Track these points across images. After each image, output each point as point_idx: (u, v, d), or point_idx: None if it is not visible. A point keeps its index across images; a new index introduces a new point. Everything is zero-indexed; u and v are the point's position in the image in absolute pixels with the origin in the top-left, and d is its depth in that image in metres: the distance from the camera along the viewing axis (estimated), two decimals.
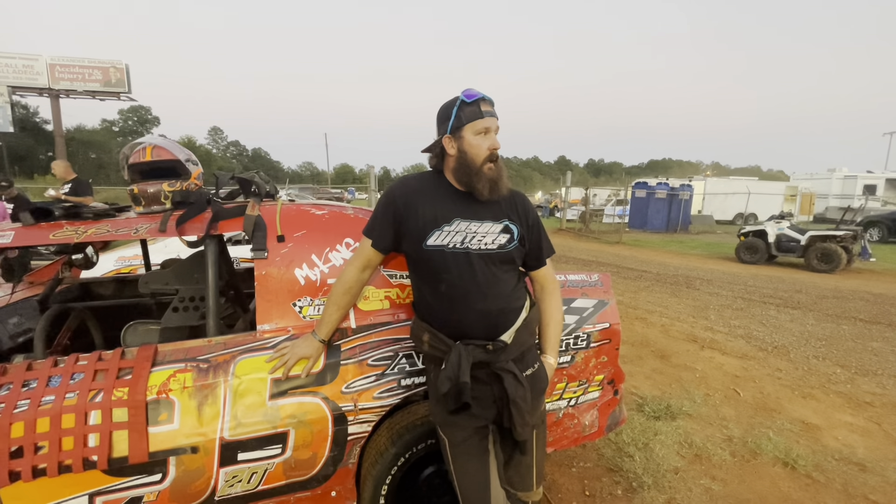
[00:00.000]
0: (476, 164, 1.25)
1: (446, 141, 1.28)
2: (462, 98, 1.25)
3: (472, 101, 1.24)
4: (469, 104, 1.24)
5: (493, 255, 1.29)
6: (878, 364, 3.88)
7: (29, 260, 2.32)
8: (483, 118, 1.24)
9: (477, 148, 1.25)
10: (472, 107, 1.24)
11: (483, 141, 1.25)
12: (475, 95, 1.25)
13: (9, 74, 16.78)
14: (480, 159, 1.25)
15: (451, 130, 1.26)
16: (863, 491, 2.22)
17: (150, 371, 1.33)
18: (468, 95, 1.25)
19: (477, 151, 1.25)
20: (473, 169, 1.25)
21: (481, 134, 1.25)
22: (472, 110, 1.24)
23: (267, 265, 1.51)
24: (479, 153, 1.25)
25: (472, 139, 1.25)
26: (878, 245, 12.51)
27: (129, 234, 1.51)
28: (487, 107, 1.26)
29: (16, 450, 1.20)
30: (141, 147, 1.63)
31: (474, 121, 1.24)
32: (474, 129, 1.24)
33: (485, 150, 1.25)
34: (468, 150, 1.25)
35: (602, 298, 1.86)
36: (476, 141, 1.25)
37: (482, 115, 1.24)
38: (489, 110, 1.26)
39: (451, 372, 1.23)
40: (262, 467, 1.40)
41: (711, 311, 5.57)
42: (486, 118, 1.24)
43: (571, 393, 1.80)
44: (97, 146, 37.75)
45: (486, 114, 1.25)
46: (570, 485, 2.25)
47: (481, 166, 1.25)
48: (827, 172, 22.34)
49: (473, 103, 1.24)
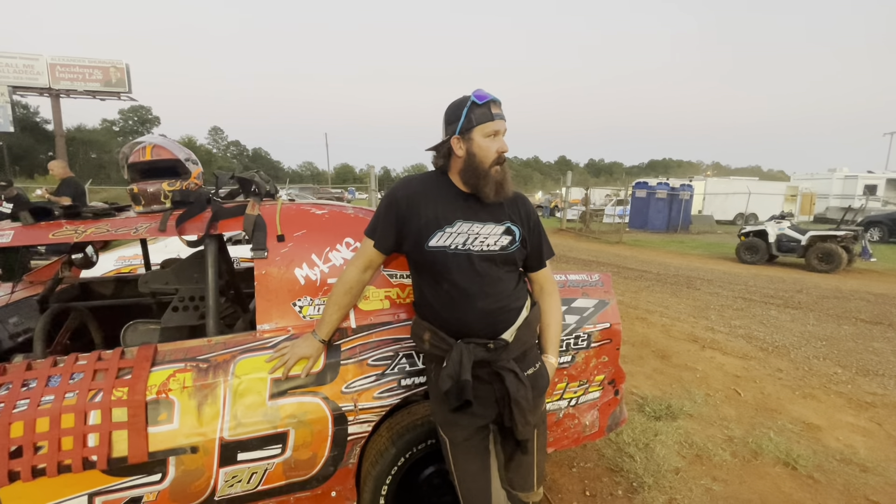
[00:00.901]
0: (484, 167, 1.25)
1: (454, 142, 1.27)
2: (473, 99, 1.24)
3: (483, 102, 1.24)
4: (480, 106, 1.24)
5: (494, 257, 1.29)
6: (879, 364, 3.87)
7: (29, 259, 2.32)
8: (493, 121, 1.24)
9: (486, 150, 1.24)
10: (483, 109, 1.24)
11: (492, 144, 1.25)
12: (486, 97, 1.24)
13: (9, 74, 16.80)
14: (489, 162, 1.25)
15: (461, 132, 1.25)
16: (864, 492, 2.21)
17: (150, 371, 1.33)
18: (479, 97, 1.24)
19: (486, 154, 1.24)
20: (481, 171, 1.25)
21: (490, 137, 1.25)
22: (483, 112, 1.24)
23: (267, 265, 1.51)
24: (488, 156, 1.25)
25: (481, 141, 1.24)
26: (878, 245, 12.49)
27: (129, 233, 1.50)
28: (497, 109, 1.25)
29: (15, 449, 1.20)
30: (141, 146, 1.63)
31: (485, 123, 1.24)
32: (484, 132, 1.24)
33: (493, 152, 1.25)
34: (477, 152, 1.25)
35: (603, 298, 1.86)
36: (485, 143, 1.24)
37: (493, 118, 1.24)
38: (499, 112, 1.26)
39: (453, 370, 1.23)
40: (261, 467, 1.40)
41: (712, 311, 5.57)
42: (497, 121, 1.24)
43: (572, 393, 1.80)
44: (97, 146, 37.80)
45: (497, 116, 1.24)
46: (571, 485, 2.25)
47: (489, 169, 1.25)
48: (827, 172, 22.33)
49: (484, 105, 1.24)
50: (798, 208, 19.96)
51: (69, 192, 5.63)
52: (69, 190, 5.70)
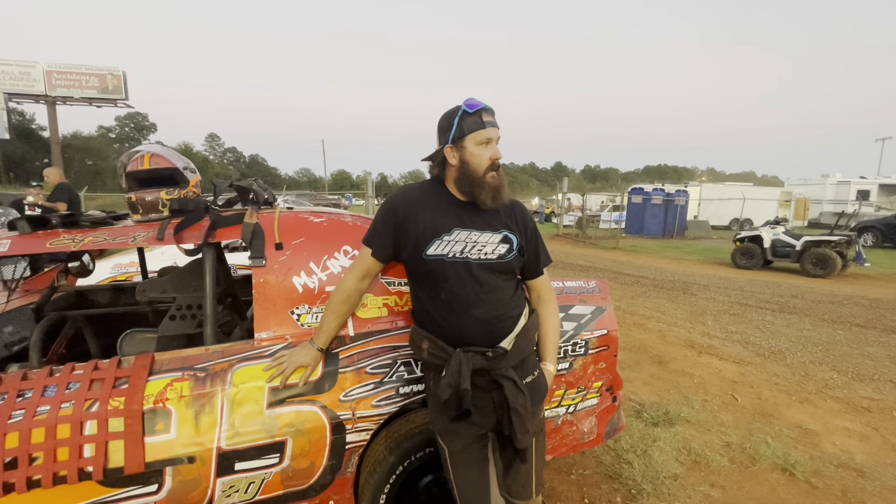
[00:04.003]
0: (479, 174, 1.26)
1: (448, 151, 1.28)
2: (464, 108, 1.26)
3: (474, 111, 1.25)
4: (471, 114, 1.25)
5: (492, 265, 1.30)
6: (874, 369, 3.89)
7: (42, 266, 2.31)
8: (485, 128, 1.25)
9: (479, 158, 1.26)
10: (474, 117, 1.25)
11: (485, 151, 1.26)
12: (477, 105, 1.26)
13: (5, 81, 16.79)
14: (483, 169, 1.26)
15: (453, 140, 1.27)
16: (861, 497, 2.22)
17: (147, 380, 1.32)
18: (470, 105, 1.25)
19: (479, 161, 1.26)
20: (476, 179, 1.26)
21: (483, 144, 1.26)
22: (475, 121, 1.25)
23: (265, 273, 1.51)
24: (482, 163, 1.26)
25: (474, 149, 1.26)
26: (872, 250, 12.59)
27: (127, 242, 1.50)
28: (489, 117, 1.26)
29: (10, 460, 1.19)
30: (139, 155, 1.63)
31: (476, 131, 1.25)
32: (476, 140, 1.25)
33: (486, 160, 1.26)
34: (470, 160, 1.26)
35: (600, 305, 1.87)
36: (478, 151, 1.26)
37: (484, 126, 1.25)
38: (490, 120, 1.27)
39: (452, 379, 1.23)
40: (259, 477, 1.39)
41: (708, 317, 5.59)
42: (488, 128, 1.25)
43: (570, 400, 1.80)
44: (94, 153, 37.67)
45: (488, 124, 1.26)
46: (569, 492, 2.24)
47: (484, 176, 1.26)
48: (821, 178, 22.52)
49: (475, 113, 1.25)
50: (792, 214, 20.10)
51: (64, 198, 5.62)
52: (64, 195, 5.69)
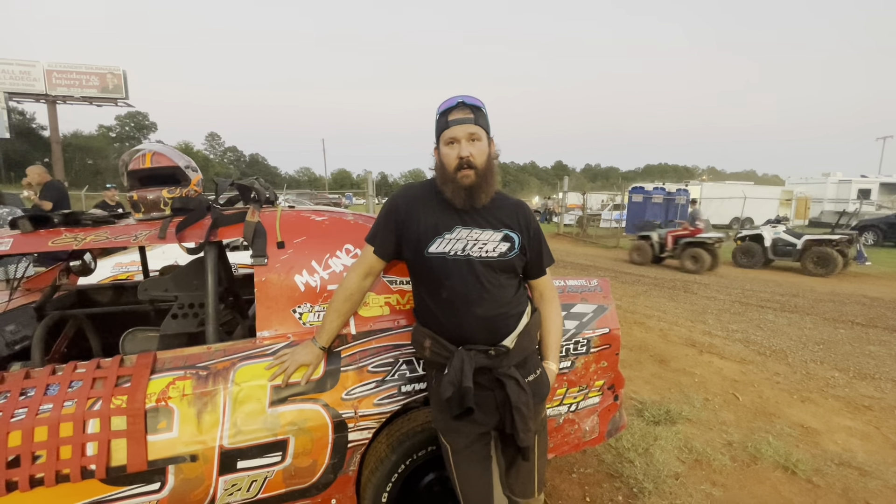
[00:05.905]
0: (448, 174, 1.26)
1: (434, 154, 1.33)
2: (439, 110, 1.28)
3: (443, 111, 1.27)
4: (440, 115, 1.27)
5: (493, 263, 1.30)
6: (875, 368, 3.89)
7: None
8: (449, 128, 1.25)
9: (447, 157, 1.26)
10: (442, 118, 1.27)
11: (451, 151, 1.26)
12: (447, 104, 1.27)
13: (5, 80, 16.78)
14: (451, 168, 1.26)
15: (436, 142, 1.31)
16: (863, 495, 2.22)
17: (149, 379, 1.32)
18: (441, 106, 1.27)
19: (448, 161, 1.26)
20: (448, 177, 1.27)
21: (450, 144, 1.26)
22: (441, 121, 1.27)
23: (267, 271, 1.51)
24: (450, 163, 1.26)
25: (444, 149, 1.27)
26: (873, 249, 12.58)
27: (129, 240, 1.50)
28: (459, 114, 1.25)
29: (13, 459, 1.19)
30: (140, 154, 1.63)
31: (443, 132, 1.27)
32: (444, 140, 1.27)
33: (454, 158, 1.25)
34: (443, 160, 1.27)
35: (601, 303, 1.87)
36: (446, 151, 1.27)
37: (448, 126, 1.25)
38: (458, 118, 1.24)
39: (454, 377, 1.23)
40: (261, 475, 1.39)
41: (709, 316, 5.59)
42: (452, 128, 1.24)
43: (572, 398, 1.80)
44: (94, 152, 37.73)
45: (454, 122, 1.24)
46: (571, 491, 2.24)
47: (454, 174, 1.26)
48: (821, 177, 22.49)
49: (444, 114, 1.27)
50: (793, 212, 20.06)
51: (52, 196, 5.56)
52: (52, 193, 5.62)
